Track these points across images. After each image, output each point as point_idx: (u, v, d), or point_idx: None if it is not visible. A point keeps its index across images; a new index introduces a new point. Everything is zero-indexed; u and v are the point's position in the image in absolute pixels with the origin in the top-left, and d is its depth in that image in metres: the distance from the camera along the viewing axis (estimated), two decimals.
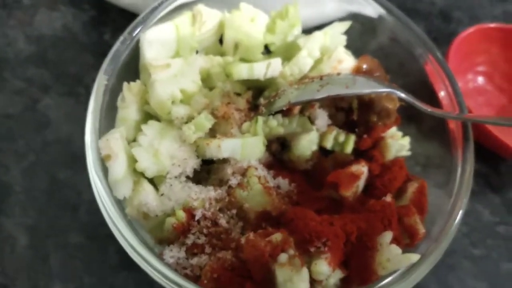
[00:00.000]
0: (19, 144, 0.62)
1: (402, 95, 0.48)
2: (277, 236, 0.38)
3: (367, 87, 0.46)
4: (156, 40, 0.47)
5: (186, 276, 0.39)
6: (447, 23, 0.77)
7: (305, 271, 0.37)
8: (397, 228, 0.42)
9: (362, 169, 0.45)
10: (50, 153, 0.62)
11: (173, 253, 0.40)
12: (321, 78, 0.48)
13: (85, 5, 0.72)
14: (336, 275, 0.40)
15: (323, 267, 0.37)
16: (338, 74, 0.49)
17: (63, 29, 0.71)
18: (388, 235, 0.40)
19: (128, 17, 0.69)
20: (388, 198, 0.43)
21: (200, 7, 0.50)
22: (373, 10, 0.57)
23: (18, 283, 0.55)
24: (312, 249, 0.38)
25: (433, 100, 0.53)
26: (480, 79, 0.73)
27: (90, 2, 0.72)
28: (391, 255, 0.40)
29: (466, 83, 0.71)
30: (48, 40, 0.70)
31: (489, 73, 0.73)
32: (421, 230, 0.44)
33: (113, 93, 0.47)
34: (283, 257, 0.37)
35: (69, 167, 0.61)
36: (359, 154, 0.50)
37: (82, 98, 0.66)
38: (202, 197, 0.42)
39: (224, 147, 0.44)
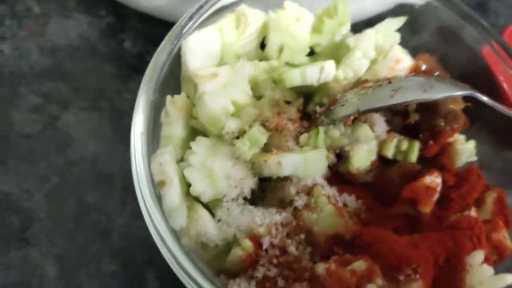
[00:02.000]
0: (40, 166, 0.57)
1: (484, 98, 0.43)
2: (360, 264, 0.34)
3: (444, 91, 0.42)
4: (199, 47, 0.43)
5: None
6: (486, 15, 0.73)
7: None
8: (486, 246, 0.37)
9: (437, 180, 0.41)
10: (75, 174, 0.57)
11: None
12: (389, 81, 0.43)
13: (101, 11, 0.67)
14: None
15: None
16: (406, 76, 0.44)
17: (79, 39, 0.66)
18: (479, 255, 0.36)
19: (149, 22, 0.65)
20: (473, 213, 0.39)
21: (244, 7, 0.46)
22: None
23: None
24: (402, 277, 0.34)
25: (497, 94, 0.48)
26: None
27: (106, 8, 0.67)
28: (483, 277, 0.36)
29: None
30: (64, 51, 0.65)
31: None
32: (510, 245, 0.39)
33: (154, 108, 0.42)
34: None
35: (97, 188, 0.56)
36: (424, 162, 0.46)
37: (105, 113, 0.61)
38: (267, 222, 0.38)
39: (285, 164, 0.39)
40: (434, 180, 0.41)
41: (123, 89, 0.62)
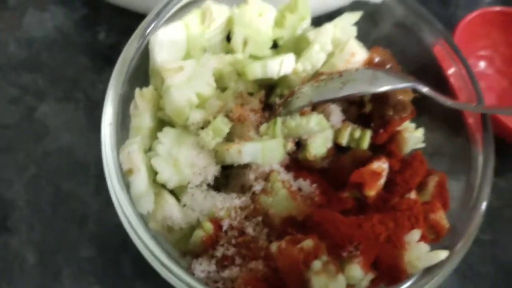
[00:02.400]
0: (19, 156, 0.59)
1: (424, 89, 0.47)
2: (308, 243, 0.37)
3: (388, 83, 0.45)
4: (166, 42, 0.45)
5: None
6: (446, 7, 0.76)
7: (341, 278, 0.36)
8: (423, 225, 0.41)
9: (383, 166, 0.44)
10: (52, 163, 0.59)
11: (203, 267, 0.39)
12: (340, 74, 0.46)
13: (76, 2, 0.69)
14: (368, 278, 0.39)
15: (357, 271, 0.37)
16: (357, 69, 0.48)
17: (55, 30, 0.67)
18: (416, 234, 0.40)
19: (122, 14, 0.66)
20: (413, 195, 0.43)
21: (209, 3, 0.48)
22: None
23: None
24: (345, 254, 0.37)
25: (445, 87, 0.52)
26: (482, 64, 0.72)
27: (81, 0, 0.69)
28: (420, 253, 0.40)
29: None
30: (40, 43, 0.66)
31: (490, 57, 0.72)
32: (446, 225, 0.43)
33: (124, 100, 0.44)
34: (317, 264, 0.36)
35: (73, 176, 0.59)
36: (375, 149, 0.49)
37: (80, 104, 0.63)
38: (227, 206, 0.41)
39: (245, 152, 0.42)
40: (380, 165, 0.44)
41: (97, 80, 0.64)
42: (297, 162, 0.48)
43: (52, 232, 0.55)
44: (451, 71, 0.52)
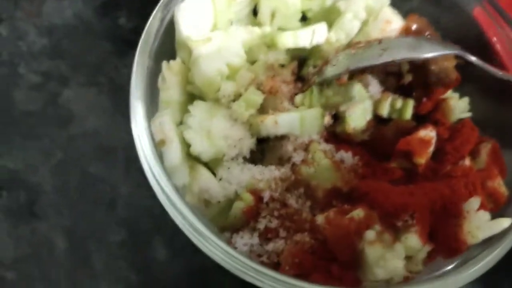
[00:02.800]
0: (44, 142, 0.58)
1: (472, 58, 0.43)
2: (359, 212, 0.34)
3: (433, 50, 0.42)
4: (192, 14, 0.43)
5: (263, 264, 0.35)
6: None
7: (399, 246, 0.33)
8: (482, 193, 0.38)
9: (431, 134, 0.41)
10: (78, 148, 0.57)
11: (245, 240, 0.37)
12: (379, 42, 0.43)
13: None
14: (425, 249, 0.36)
15: (415, 241, 0.34)
16: (396, 37, 0.45)
17: (75, 17, 0.66)
18: (475, 202, 0.37)
19: None
20: (467, 162, 0.39)
21: None
22: None
23: None
24: (399, 223, 0.34)
25: (490, 55, 0.49)
26: None
27: None
28: (480, 222, 0.37)
29: None
30: (60, 30, 0.65)
31: None
32: (505, 192, 0.40)
33: (152, 75, 0.42)
34: (370, 234, 0.33)
35: (100, 160, 0.57)
36: (419, 120, 0.46)
37: (104, 88, 0.61)
38: (266, 177, 0.38)
39: (281, 123, 0.40)
40: (428, 133, 0.41)
41: (120, 64, 0.62)
42: (335, 136, 0.45)
43: (80, 217, 0.54)
44: (497, 36, 0.48)
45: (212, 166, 0.41)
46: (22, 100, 0.60)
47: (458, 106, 0.47)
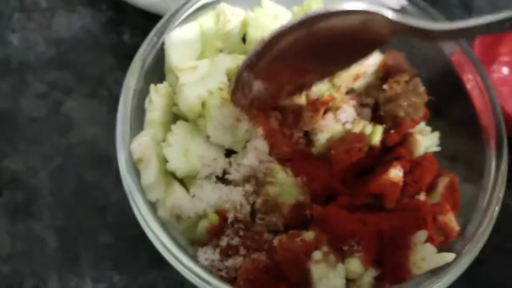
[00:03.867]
0: (45, 147, 0.63)
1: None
2: (309, 235, 0.38)
3: None
4: (181, 42, 0.47)
5: (222, 278, 0.39)
6: (468, 13, 0.76)
7: (341, 267, 0.37)
8: (432, 227, 0.42)
9: (399, 174, 0.45)
10: (76, 155, 0.62)
11: (207, 255, 0.41)
12: None
13: (102, 5, 0.72)
14: (369, 274, 0.40)
15: (356, 266, 0.37)
16: None
17: (82, 31, 0.71)
18: (423, 234, 0.40)
19: (146, 16, 0.69)
20: (422, 197, 0.43)
21: (223, 5, 0.50)
22: (395, 2, 0.55)
23: (50, 284, 0.56)
24: (345, 248, 0.38)
25: (461, 93, 0.52)
26: (505, 70, 0.71)
27: (107, 3, 0.72)
28: (426, 254, 0.40)
29: (490, 73, 0.70)
30: (68, 43, 0.70)
31: None
32: (456, 227, 0.43)
33: (140, 95, 0.47)
34: (317, 254, 0.37)
35: (95, 168, 0.62)
36: (386, 151, 0.50)
37: (104, 100, 0.66)
38: (233, 199, 0.43)
39: None
40: (397, 174, 0.45)
41: (121, 78, 0.66)
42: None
43: (73, 219, 0.58)
44: (467, 78, 0.51)
45: (186, 183, 0.45)
46: (28, 107, 0.65)
47: (426, 140, 0.50)
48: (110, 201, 0.60)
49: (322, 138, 0.47)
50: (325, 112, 0.50)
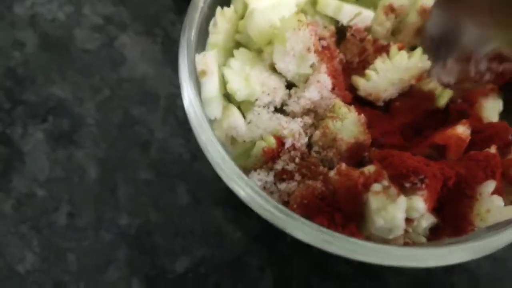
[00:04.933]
0: (95, 79, 0.65)
1: None
2: (370, 168, 0.38)
3: None
4: None
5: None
6: None
7: (402, 200, 0.36)
8: (500, 181, 0.41)
9: (467, 131, 0.44)
10: (125, 89, 0.65)
11: (261, 176, 0.41)
12: None
13: None
14: (430, 219, 0.39)
15: (419, 204, 0.37)
16: None
17: None
18: (491, 184, 0.40)
19: None
20: (493, 150, 0.42)
21: None
22: None
23: (85, 213, 0.58)
24: (408, 185, 0.38)
25: None
26: None
27: None
28: (492, 206, 0.39)
29: None
30: None
31: None
32: None
33: (205, 20, 0.48)
34: (377, 186, 0.37)
35: (142, 104, 0.64)
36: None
37: (158, 39, 0.68)
38: (292, 127, 0.43)
39: None
40: (465, 130, 0.44)
41: (177, 20, 0.69)
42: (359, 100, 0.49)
43: (115, 152, 0.60)
44: None
45: (243, 109, 0.46)
46: (82, 38, 0.68)
47: (493, 104, 0.49)
48: (154, 137, 0.62)
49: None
50: None
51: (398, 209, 0.36)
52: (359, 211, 0.38)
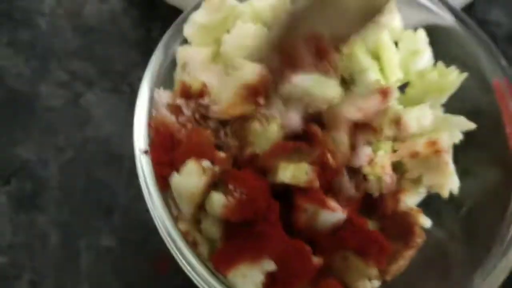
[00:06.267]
0: (59, 139, 0.68)
1: None
2: None
3: None
4: None
5: None
6: None
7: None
8: None
9: None
10: (89, 150, 0.67)
11: None
12: None
13: None
14: None
15: None
16: None
17: (112, 23, 0.76)
18: None
19: (178, 14, 0.74)
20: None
21: None
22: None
23: (46, 281, 0.60)
24: None
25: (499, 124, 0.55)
26: None
27: None
28: None
29: None
30: (96, 34, 0.75)
31: None
32: None
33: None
34: None
35: (107, 167, 0.66)
36: None
37: (125, 96, 0.71)
38: None
39: None
40: None
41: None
42: None
43: (78, 217, 0.63)
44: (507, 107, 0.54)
45: None
46: (47, 95, 0.71)
47: None
48: (117, 203, 0.64)
49: None
50: None
51: None
52: None
